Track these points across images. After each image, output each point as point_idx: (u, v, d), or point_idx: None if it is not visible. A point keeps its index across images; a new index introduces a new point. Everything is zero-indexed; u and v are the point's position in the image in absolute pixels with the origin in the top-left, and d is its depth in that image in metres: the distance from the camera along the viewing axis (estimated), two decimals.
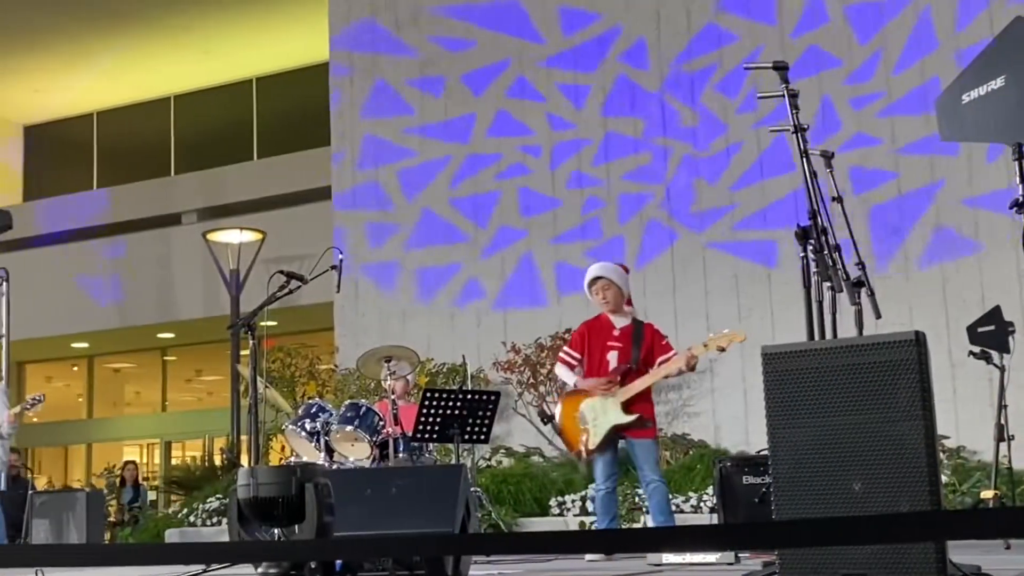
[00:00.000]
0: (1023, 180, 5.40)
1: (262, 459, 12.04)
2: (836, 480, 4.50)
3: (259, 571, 5.36)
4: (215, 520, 12.50)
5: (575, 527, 10.66)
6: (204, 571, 5.90)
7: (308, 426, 8.77)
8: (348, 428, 8.63)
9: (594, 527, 9.23)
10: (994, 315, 8.34)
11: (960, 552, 4.78)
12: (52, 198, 22.43)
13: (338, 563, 5.54)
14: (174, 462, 21.61)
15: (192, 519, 12.73)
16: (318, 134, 17.31)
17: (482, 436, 8.84)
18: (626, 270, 8.18)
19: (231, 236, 17.18)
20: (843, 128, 12.95)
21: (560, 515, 11.18)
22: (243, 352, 14.56)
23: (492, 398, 8.89)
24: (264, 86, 21.84)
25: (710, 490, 10.47)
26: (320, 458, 8.64)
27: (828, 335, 5.06)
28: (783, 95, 5.39)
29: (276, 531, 5.18)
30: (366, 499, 5.92)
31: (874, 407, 4.48)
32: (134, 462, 19.63)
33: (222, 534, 11.37)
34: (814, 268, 5.11)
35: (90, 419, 23.04)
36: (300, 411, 9.05)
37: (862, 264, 5.48)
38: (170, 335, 21.26)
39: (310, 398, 12.75)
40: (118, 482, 18.20)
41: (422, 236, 14.99)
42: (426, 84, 15.31)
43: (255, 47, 20.46)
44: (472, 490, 6.72)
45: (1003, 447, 8.13)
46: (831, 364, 4.58)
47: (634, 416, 7.73)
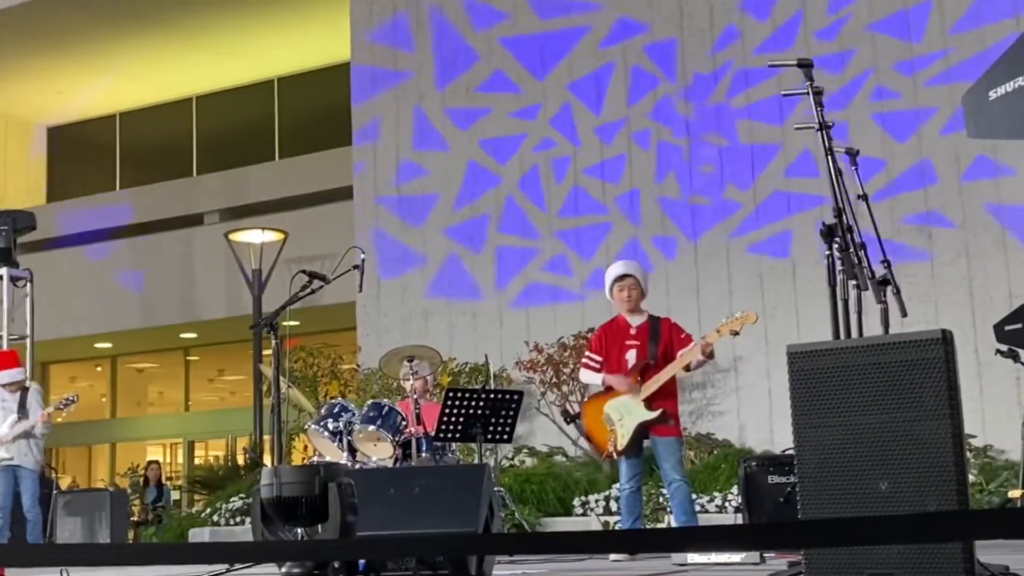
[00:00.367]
0: None
1: (285, 459, 12.05)
2: (862, 480, 4.46)
3: (282, 571, 5.36)
4: (238, 520, 12.53)
5: (598, 527, 10.63)
6: (227, 571, 5.91)
7: (331, 426, 8.76)
8: (371, 428, 8.61)
9: (618, 527, 9.21)
10: (1021, 313, 8.29)
11: (987, 552, 4.74)
12: (75, 199, 22.49)
13: (361, 563, 5.54)
14: (197, 462, 21.67)
15: (215, 519, 12.77)
16: (340, 134, 17.31)
17: (505, 436, 8.84)
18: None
19: (253, 236, 17.23)
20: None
21: (584, 515, 11.16)
22: (265, 352, 14.61)
23: (515, 397, 8.88)
24: (286, 86, 21.86)
25: (735, 490, 10.44)
26: (343, 458, 8.63)
27: (854, 334, 5.02)
28: (807, 92, 5.37)
29: (299, 531, 5.18)
30: (389, 499, 5.91)
31: (901, 406, 4.44)
32: (157, 462, 19.72)
33: (246, 533, 11.39)
34: (839, 266, 5.08)
35: (113, 419, 23.12)
36: (323, 411, 9.04)
37: (887, 262, 5.44)
38: (193, 335, 21.30)
39: (332, 398, 12.76)
40: (141, 482, 18.28)
41: (444, 237, 14.98)
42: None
43: (277, 47, 20.47)
44: (495, 490, 6.70)
45: None
46: (857, 363, 4.54)
47: (658, 411, 7.73)
